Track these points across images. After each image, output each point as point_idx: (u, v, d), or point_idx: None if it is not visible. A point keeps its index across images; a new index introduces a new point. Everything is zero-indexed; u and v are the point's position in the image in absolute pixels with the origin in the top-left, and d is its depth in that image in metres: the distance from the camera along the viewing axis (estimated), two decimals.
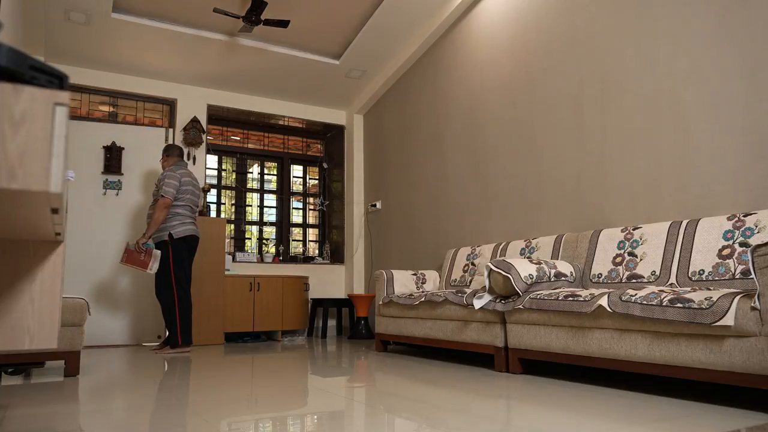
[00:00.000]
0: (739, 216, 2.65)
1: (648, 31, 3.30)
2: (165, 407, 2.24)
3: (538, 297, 2.87)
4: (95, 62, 5.32)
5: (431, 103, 5.28)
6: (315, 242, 6.89)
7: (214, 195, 6.24)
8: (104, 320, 5.19)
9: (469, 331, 3.35)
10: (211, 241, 5.20)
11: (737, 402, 2.18)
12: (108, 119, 5.54)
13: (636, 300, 2.37)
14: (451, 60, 5.03)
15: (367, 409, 2.23)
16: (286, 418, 2.05)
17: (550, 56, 3.95)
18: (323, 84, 6.09)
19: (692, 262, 2.75)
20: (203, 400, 2.39)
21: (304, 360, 3.86)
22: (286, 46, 5.42)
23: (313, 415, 2.11)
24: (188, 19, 4.90)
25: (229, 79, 5.83)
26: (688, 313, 2.15)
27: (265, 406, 2.29)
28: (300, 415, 2.10)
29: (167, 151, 4.71)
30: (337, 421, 2.00)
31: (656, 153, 3.21)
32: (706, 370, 2.15)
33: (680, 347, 2.21)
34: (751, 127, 2.77)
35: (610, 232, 3.27)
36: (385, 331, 4.23)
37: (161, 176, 4.50)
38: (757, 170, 2.74)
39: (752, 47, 2.77)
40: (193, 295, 5.03)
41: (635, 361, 2.41)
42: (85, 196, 5.28)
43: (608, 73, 3.52)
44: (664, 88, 3.18)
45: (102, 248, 5.28)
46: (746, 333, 2.00)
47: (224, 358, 4.00)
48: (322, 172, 6.99)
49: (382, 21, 5.03)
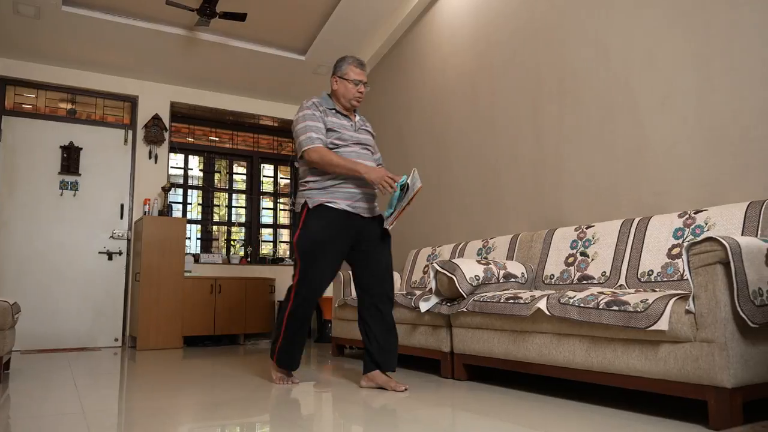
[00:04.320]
0: (690, 213, 2.50)
1: (603, 20, 3.15)
2: (95, 413, 2.08)
3: (482, 299, 2.71)
4: (51, 58, 5.16)
5: (396, 101, 5.13)
6: (286, 243, 6.73)
7: (179, 194, 6.08)
8: (60, 323, 5.02)
9: (417, 336, 3.20)
10: (171, 242, 5.04)
11: (677, 413, 2.03)
12: (67, 117, 5.37)
13: (574, 303, 2.22)
14: (415, 56, 4.88)
15: (287, 417, 2.07)
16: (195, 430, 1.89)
17: (510, 50, 3.80)
18: (291, 81, 5.93)
19: (642, 262, 2.60)
20: (107, 409, 2.23)
21: (251, 365, 3.70)
22: (248, 41, 5.27)
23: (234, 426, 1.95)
24: (143, 13, 4.74)
25: (193, 75, 5.67)
26: (623, 317, 2.00)
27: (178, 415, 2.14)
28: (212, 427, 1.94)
29: None
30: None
31: (612, 148, 3.06)
32: (642, 378, 1.99)
33: (616, 353, 2.06)
34: (704, 119, 2.62)
35: (564, 231, 3.12)
36: (340, 334, 4.08)
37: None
38: (711, 165, 2.59)
39: (705, 35, 2.62)
40: (151, 298, 4.87)
41: (573, 368, 2.25)
42: (40, 196, 5.12)
43: (565, 67, 3.37)
44: (620, 80, 3.04)
45: (58, 249, 5.11)
46: (680, 338, 1.85)
47: (170, 364, 3.84)
48: (294, 171, 6.84)
49: (345, 15, 4.88)
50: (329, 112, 2.78)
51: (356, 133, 2.80)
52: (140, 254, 4.96)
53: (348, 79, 2.77)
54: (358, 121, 2.85)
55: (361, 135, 2.83)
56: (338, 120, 2.77)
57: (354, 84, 2.77)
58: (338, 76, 2.81)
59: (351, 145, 2.75)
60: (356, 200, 2.69)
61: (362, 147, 2.79)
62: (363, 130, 2.85)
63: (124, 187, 5.48)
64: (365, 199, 2.72)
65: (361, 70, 2.81)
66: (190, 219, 6.15)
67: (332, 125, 2.74)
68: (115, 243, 5.35)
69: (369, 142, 2.86)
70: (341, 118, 2.79)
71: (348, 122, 2.80)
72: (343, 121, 2.79)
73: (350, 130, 2.78)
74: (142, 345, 4.79)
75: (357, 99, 2.80)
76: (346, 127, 2.78)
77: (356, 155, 2.73)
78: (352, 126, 2.80)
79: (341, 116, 2.79)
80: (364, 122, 2.92)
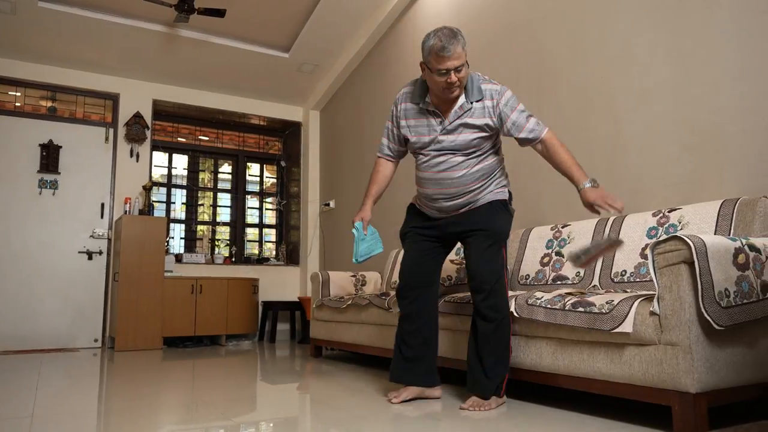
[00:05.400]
0: (664, 212, 2.44)
1: (579, 16, 3.08)
2: (44, 418, 2.01)
3: (453, 300, 2.65)
4: (29, 54, 5.08)
5: (379, 99, 5.06)
6: (273, 243, 6.66)
7: (163, 193, 6.01)
8: (39, 324, 4.94)
9: (391, 337, 3.12)
10: (150, 242, 4.97)
11: (644, 419, 1.97)
12: (46, 115, 5.30)
13: (540, 304, 2.16)
14: (398, 53, 4.81)
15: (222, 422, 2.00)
16: None
17: (490, 47, 3.74)
18: (276, 79, 5.86)
19: (615, 262, 2.53)
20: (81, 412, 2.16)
21: (219, 368, 3.63)
22: (230, 38, 5.19)
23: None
24: (121, 9, 4.67)
25: (176, 73, 5.60)
26: (588, 319, 1.94)
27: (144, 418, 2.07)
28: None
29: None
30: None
31: (589, 146, 2.99)
32: (608, 383, 1.93)
33: (582, 356, 2.00)
34: (679, 115, 2.56)
35: (540, 231, 3.05)
36: (318, 335, 4.01)
37: (507, 99, 2.21)
38: (686, 162, 2.53)
39: (681, 29, 2.56)
40: (129, 298, 4.80)
41: (540, 371, 2.19)
42: (19, 195, 5.04)
43: (542, 64, 3.31)
44: (596, 77, 2.97)
45: (37, 249, 5.04)
46: (645, 341, 1.78)
47: (145, 365, 3.77)
48: (280, 170, 6.77)
49: (327, 12, 4.80)
50: (411, 109, 2.29)
51: (444, 135, 2.22)
52: (119, 254, 4.89)
53: (432, 69, 2.11)
54: (456, 111, 2.18)
55: (452, 136, 2.21)
56: (419, 120, 2.27)
57: (439, 74, 2.09)
58: (422, 62, 2.17)
59: (433, 157, 2.24)
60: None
61: (449, 154, 2.22)
62: (459, 126, 2.20)
63: (105, 186, 5.40)
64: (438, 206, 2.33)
65: (444, 56, 2.05)
66: (174, 218, 6.08)
67: (409, 129, 2.30)
68: (95, 242, 5.28)
69: (462, 142, 2.20)
70: (426, 116, 2.25)
71: (436, 120, 2.23)
72: (426, 119, 2.25)
73: (435, 131, 2.23)
74: (120, 346, 4.72)
75: (448, 90, 2.13)
76: (429, 129, 2.25)
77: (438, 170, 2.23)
78: (439, 125, 2.22)
79: (427, 113, 2.25)
80: (470, 106, 2.18)
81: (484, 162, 2.26)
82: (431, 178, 2.28)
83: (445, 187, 2.25)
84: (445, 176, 2.24)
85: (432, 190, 2.29)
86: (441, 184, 2.25)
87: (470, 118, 2.19)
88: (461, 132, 2.21)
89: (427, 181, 2.30)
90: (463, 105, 2.19)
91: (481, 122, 2.19)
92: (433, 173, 2.26)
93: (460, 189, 2.24)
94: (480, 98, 2.19)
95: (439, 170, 2.25)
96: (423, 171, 2.31)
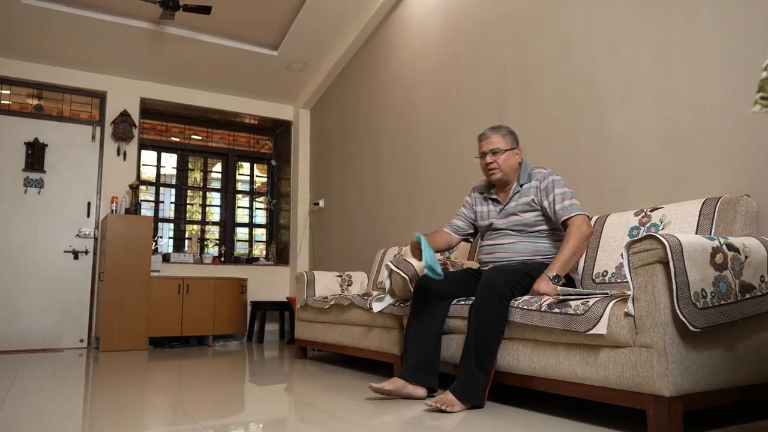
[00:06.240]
0: (646, 211, 2.39)
1: (564, 12, 3.04)
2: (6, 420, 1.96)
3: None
4: (14, 51, 5.03)
5: (368, 97, 5.02)
6: (263, 242, 6.61)
7: (152, 193, 5.96)
8: (24, 323, 4.90)
9: (372, 338, 3.08)
10: (137, 241, 4.92)
11: (621, 422, 1.92)
12: (32, 113, 5.25)
13: (517, 305, 2.11)
14: (386, 51, 4.76)
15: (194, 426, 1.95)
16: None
17: (476, 44, 3.69)
18: (265, 77, 5.81)
19: (597, 262, 2.48)
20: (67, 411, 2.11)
21: (205, 368, 3.58)
22: (218, 36, 5.14)
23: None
24: (105, 6, 4.62)
25: (164, 71, 5.55)
26: (563, 320, 1.89)
27: None
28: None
29: (512, 134, 2.58)
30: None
31: (573, 143, 2.94)
32: (583, 385, 1.88)
33: (558, 358, 1.95)
34: (663, 112, 2.51)
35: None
36: (302, 336, 3.96)
37: (550, 181, 2.41)
38: (669, 160, 2.48)
39: (664, 25, 2.51)
40: (115, 298, 4.74)
41: (516, 374, 2.14)
42: (4, 193, 4.99)
43: (528, 61, 3.26)
44: (581, 73, 2.92)
45: (22, 248, 4.99)
46: (620, 343, 1.74)
47: (129, 365, 3.72)
48: (271, 169, 6.72)
49: (315, 10, 4.75)
50: (478, 198, 2.65)
51: (499, 219, 2.51)
52: (105, 253, 4.84)
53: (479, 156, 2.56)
54: (514, 197, 2.48)
55: (506, 219, 2.49)
56: (483, 207, 2.61)
57: (481, 157, 2.53)
58: None
59: (492, 237, 2.54)
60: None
61: (502, 235, 2.49)
62: (512, 206, 2.48)
63: (92, 185, 5.35)
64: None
65: (482, 141, 2.53)
66: (163, 218, 6.04)
67: (476, 214, 2.65)
68: (81, 242, 5.23)
69: (514, 222, 2.46)
70: (487, 204, 2.59)
71: (495, 207, 2.55)
72: (486, 207, 2.60)
73: (493, 216, 2.54)
74: (105, 346, 4.67)
75: (488, 171, 2.51)
76: (489, 214, 2.57)
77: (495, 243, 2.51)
78: (497, 209, 2.53)
79: (489, 201, 2.58)
80: (519, 188, 2.48)
81: (538, 244, 2.45)
82: (488, 252, 2.54)
83: (497, 260, 2.48)
84: (499, 249, 2.49)
85: (486, 257, 2.54)
86: (493, 255, 2.50)
87: (521, 198, 2.46)
88: (514, 211, 2.48)
89: (484, 255, 2.56)
90: (514, 188, 2.50)
91: (528, 199, 2.45)
92: (491, 248, 2.53)
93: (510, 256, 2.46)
94: (529, 180, 2.48)
95: (495, 243, 2.51)
96: (482, 249, 2.60)
